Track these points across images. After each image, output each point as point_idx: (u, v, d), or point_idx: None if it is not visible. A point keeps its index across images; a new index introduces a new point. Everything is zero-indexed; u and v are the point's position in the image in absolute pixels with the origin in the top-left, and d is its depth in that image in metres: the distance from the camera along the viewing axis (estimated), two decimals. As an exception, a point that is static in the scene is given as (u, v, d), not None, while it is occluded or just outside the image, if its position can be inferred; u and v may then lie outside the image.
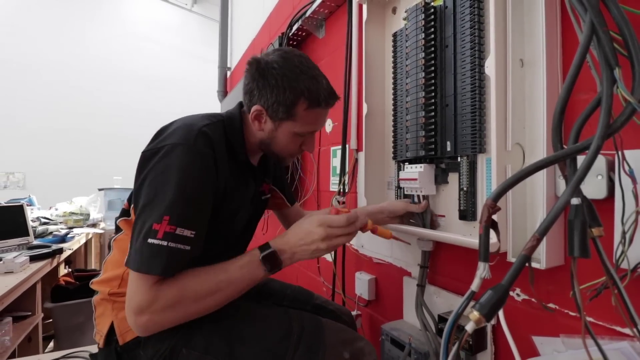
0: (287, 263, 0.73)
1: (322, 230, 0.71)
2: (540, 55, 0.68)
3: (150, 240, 0.62)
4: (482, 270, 0.48)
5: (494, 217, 0.48)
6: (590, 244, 0.45)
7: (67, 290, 2.02)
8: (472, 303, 0.47)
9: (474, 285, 0.48)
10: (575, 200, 0.45)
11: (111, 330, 0.76)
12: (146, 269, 0.62)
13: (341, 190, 1.35)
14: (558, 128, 0.50)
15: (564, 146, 0.51)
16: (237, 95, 2.68)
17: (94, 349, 1.15)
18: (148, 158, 0.69)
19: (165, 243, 0.62)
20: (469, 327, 0.42)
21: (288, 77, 0.74)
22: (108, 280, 0.80)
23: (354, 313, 1.13)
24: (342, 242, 0.74)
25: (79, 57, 5.54)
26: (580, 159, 0.44)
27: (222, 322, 0.76)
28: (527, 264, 0.43)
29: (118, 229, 0.83)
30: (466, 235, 0.82)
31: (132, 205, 0.76)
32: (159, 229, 0.62)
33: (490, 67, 0.71)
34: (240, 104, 0.86)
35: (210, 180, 0.71)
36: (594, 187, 0.60)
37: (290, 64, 0.75)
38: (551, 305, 0.72)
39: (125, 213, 0.81)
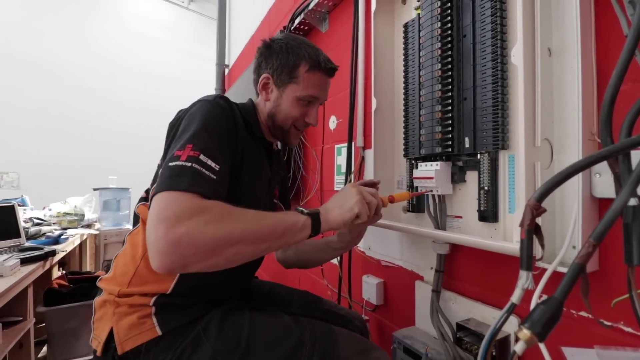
0: (324, 215, 0.70)
1: (354, 188, 0.74)
2: (573, 43, 0.63)
3: (171, 163, 0.59)
4: (525, 280, 0.42)
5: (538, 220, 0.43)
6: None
7: (60, 293, 1.95)
8: (512, 318, 0.42)
9: (515, 297, 0.42)
10: (632, 201, 0.39)
11: (110, 337, 0.70)
12: (168, 186, 0.56)
13: (347, 189, 1.30)
14: (608, 120, 0.45)
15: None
16: (235, 92, 2.62)
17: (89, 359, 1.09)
18: (174, 122, 0.73)
19: (189, 164, 0.59)
20: (519, 348, 0.36)
21: (291, 45, 0.84)
22: (117, 277, 0.75)
23: (362, 318, 1.07)
24: (372, 200, 0.73)
25: (74, 55, 5.43)
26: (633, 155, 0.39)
27: (230, 332, 0.71)
28: (581, 274, 0.38)
29: (135, 222, 0.80)
30: (486, 238, 0.77)
31: (153, 185, 0.75)
32: (182, 154, 0.60)
33: (517, 56, 0.65)
34: (251, 99, 0.93)
35: (231, 129, 0.73)
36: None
37: (292, 37, 0.88)
38: (583, 313, 0.66)
39: (143, 199, 0.80)
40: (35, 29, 5.13)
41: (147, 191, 0.80)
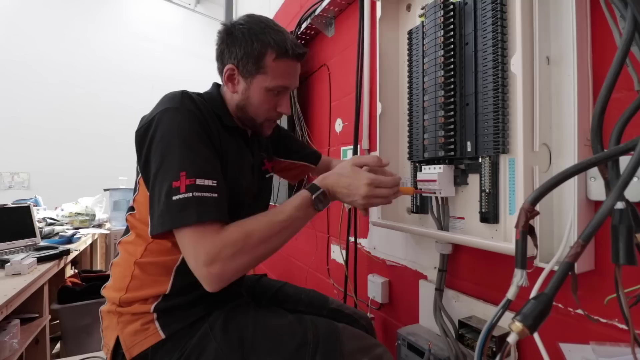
0: (327, 188, 0.74)
1: (367, 180, 0.72)
2: (570, 52, 0.66)
3: (175, 197, 0.62)
4: (520, 277, 0.45)
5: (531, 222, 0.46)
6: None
7: (74, 291, 2.01)
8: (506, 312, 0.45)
9: (511, 294, 0.46)
10: (619, 205, 0.43)
11: (117, 344, 0.74)
12: (180, 222, 0.62)
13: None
14: (599, 128, 0.48)
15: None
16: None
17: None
18: (143, 134, 0.71)
19: (190, 195, 0.62)
20: (511, 339, 0.40)
21: (254, 30, 0.77)
22: (115, 283, 0.79)
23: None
24: (380, 201, 0.75)
25: (83, 58, 5.53)
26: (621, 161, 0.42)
27: (234, 334, 0.73)
28: (570, 272, 0.41)
29: (126, 231, 0.82)
30: (487, 239, 0.80)
31: (134, 196, 0.78)
32: (180, 185, 0.62)
33: (516, 64, 0.68)
34: (216, 84, 0.89)
35: (207, 133, 0.71)
36: (632, 189, 0.57)
37: (255, 19, 0.80)
38: (579, 311, 0.69)
39: (130, 209, 0.80)
40: (43, 32, 5.22)
41: (134, 191, 0.81)
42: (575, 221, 0.63)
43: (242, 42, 0.77)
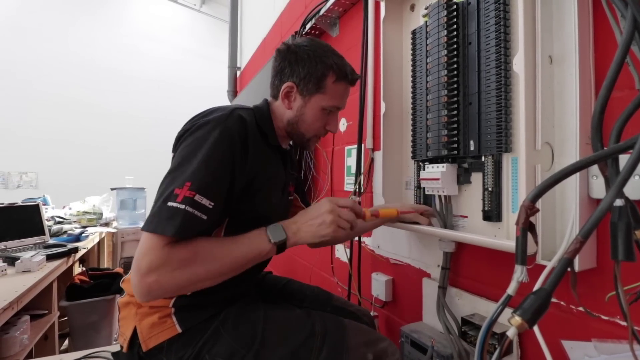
0: (292, 239, 0.73)
1: (328, 204, 0.74)
2: (572, 51, 0.66)
3: (169, 204, 0.62)
4: (520, 273, 0.46)
5: (532, 219, 0.47)
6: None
7: (82, 288, 2.04)
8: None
9: (511, 289, 0.47)
10: (618, 202, 0.43)
11: (134, 335, 0.76)
12: (161, 230, 0.61)
13: (357, 190, 1.34)
14: (599, 127, 0.48)
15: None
16: (247, 95, 2.68)
17: (113, 348, 1.16)
18: (180, 136, 0.74)
19: (183, 206, 0.62)
20: (511, 333, 0.40)
21: (318, 53, 0.82)
22: None
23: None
24: (347, 217, 0.74)
25: (90, 58, 5.59)
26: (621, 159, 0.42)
27: (245, 327, 0.75)
28: (569, 268, 0.42)
29: None
30: (490, 237, 0.81)
31: None
32: (180, 193, 0.63)
33: (519, 64, 0.69)
34: (266, 100, 0.90)
35: (237, 160, 0.72)
36: (632, 187, 0.58)
37: (317, 43, 0.85)
38: (581, 309, 0.70)
39: None
40: (51, 33, 5.29)
41: None
42: (577, 219, 0.64)
43: (306, 62, 0.81)
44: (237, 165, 0.72)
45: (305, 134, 0.87)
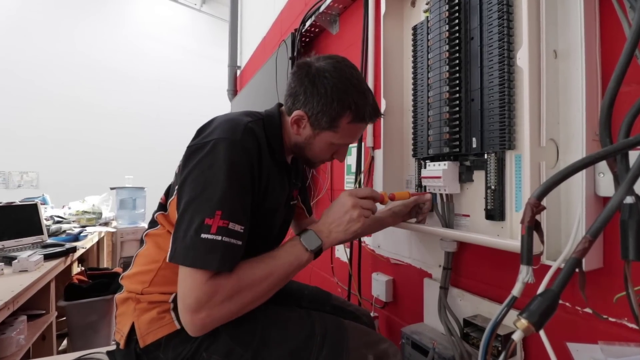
0: (327, 243, 0.74)
1: (350, 199, 0.74)
2: (578, 45, 0.65)
3: (204, 236, 0.61)
4: (526, 274, 0.44)
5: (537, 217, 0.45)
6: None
7: (80, 288, 2.03)
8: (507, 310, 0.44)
9: (516, 290, 0.45)
10: (629, 199, 0.41)
11: (132, 331, 0.74)
12: (202, 264, 0.60)
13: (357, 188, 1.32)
14: (607, 122, 0.47)
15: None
16: (247, 93, 2.67)
17: (108, 349, 1.14)
18: (193, 152, 0.69)
19: (219, 238, 0.61)
20: (517, 336, 0.39)
21: (338, 89, 0.73)
22: (139, 275, 0.78)
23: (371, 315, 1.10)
24: (369, 206, 0.76)
25: (90, 58, 5.58)
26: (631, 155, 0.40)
27: (244, 326, 0.74)
28: (577, 269, 0.40)
29: (153, 224, 0.81)
30: (493, 236, 0.79)
31: (169, 200, 0.76)
32: (212, 224, 0.61)
33: (523, 58, 0.67)
34: (279, 104, 0.85)
35: (254, 176, 0.70)
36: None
37: (341, 74, 0.74)
38: (587, 310, 0.68)
39: (162, 207, 0.80)
40: (53, 33, 5.28)
41: (165, 194, 0.81)
42: (583, 218, 0.62)
43: (322, 97, 0.73)
44: (255, 183, 0.71)
45: (311, 160, 0.85)
